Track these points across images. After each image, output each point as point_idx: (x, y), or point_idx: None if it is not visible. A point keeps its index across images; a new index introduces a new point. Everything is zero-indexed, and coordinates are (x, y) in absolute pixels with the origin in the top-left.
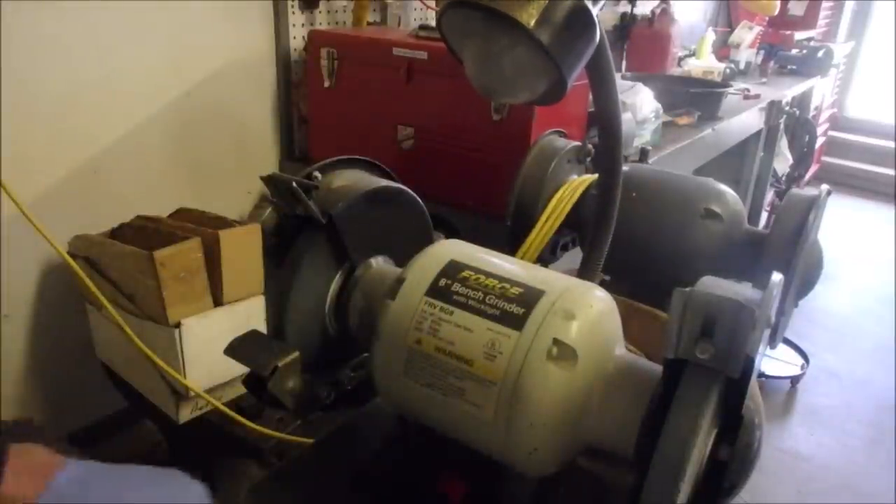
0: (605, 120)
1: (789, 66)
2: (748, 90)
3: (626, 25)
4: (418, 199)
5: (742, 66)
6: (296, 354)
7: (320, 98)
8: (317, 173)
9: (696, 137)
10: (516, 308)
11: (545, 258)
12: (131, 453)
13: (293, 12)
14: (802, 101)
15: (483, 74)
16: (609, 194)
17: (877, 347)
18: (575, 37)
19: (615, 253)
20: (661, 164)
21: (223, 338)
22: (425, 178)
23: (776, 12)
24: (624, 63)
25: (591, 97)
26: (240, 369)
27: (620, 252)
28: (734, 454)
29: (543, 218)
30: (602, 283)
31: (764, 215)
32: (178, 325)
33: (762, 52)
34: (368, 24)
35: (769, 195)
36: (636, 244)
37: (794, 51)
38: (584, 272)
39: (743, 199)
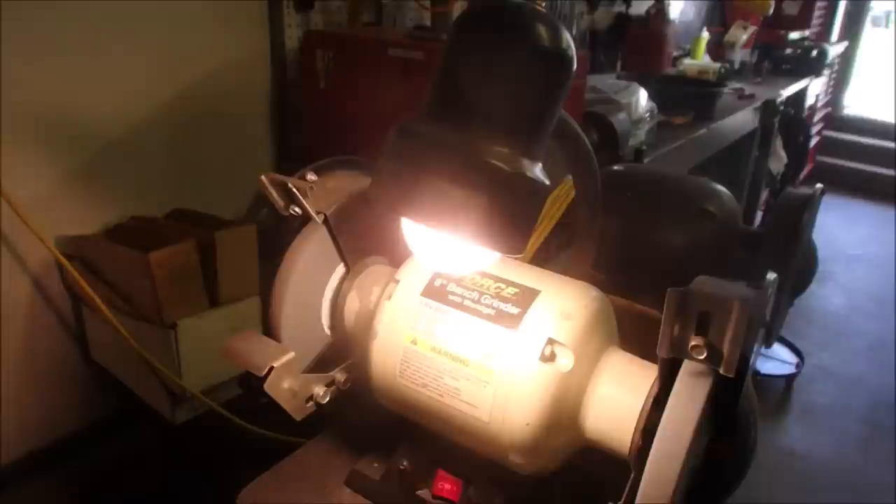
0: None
1: (784, 66)
2: (743, 90)
3: (621, 25)
4: None
5: (737, 65)
6: (291, 355)
7: (315, 98)
8: (311, 174)
9: (691, 137)
10: (512, 308)
11: (540, 258)
12: (127, 454)
13: (288, 13)
14: (797, 100)
15: None
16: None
17: (871, 345)
18: None
19: (610, 252)
20: (657, 164)
21: (219, 339)
22: None
23: (770, 12)
24: (619, 63)
25: (587, 95)
26: (236, 370)
27: (615, 252)
28: (730, 453)
29: (539, 218)
30: (597, 283)
31: (759, 214)
32: (173, 326)
33: (756, 51)
34: (363, 24)
35: (764, 194)
36: (631, 244)
37: (789, 50)
38: (573, 271)
39: (738, 198)
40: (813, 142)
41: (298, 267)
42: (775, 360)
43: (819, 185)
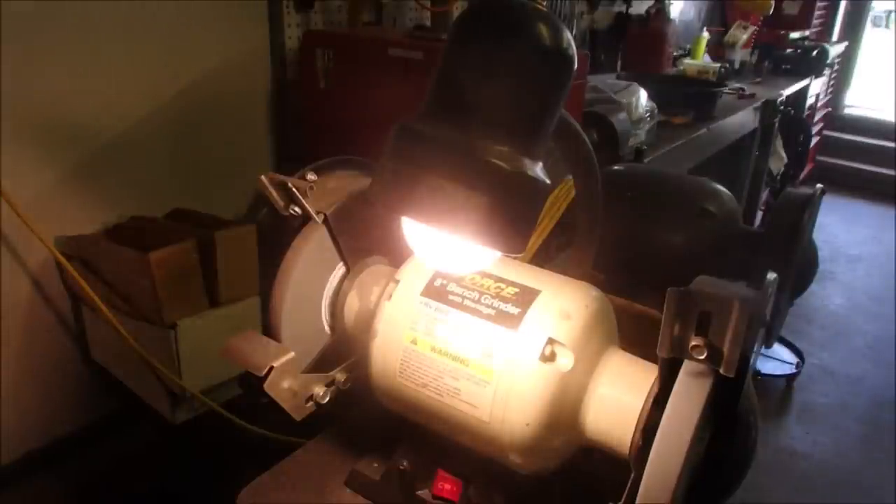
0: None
1: (784, 66)
2: (743, 89)
3: (621, 25)
4: None
5: (737, 65)
6: (291, 355)
7: (315, 98)
8: (311, 174)
9: (692, 137)
10: (512, 308)
11: (540, 258)
12: (127, 454)
13: (288, 13)
14: (797, 100)
15: None
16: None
17: (871, 345)
18: None
19: (610, 252)
20: (657, 164)
21: (219, 338)
22: None
23: (770, 12)
24: (619, 63)
25: (587, 95)
26: (236, 370)
27: (615, 252)
28: (730, 453)
29: (539, 218)
30: (597, 283)
31: (759, 214)
32: (173, 326)
33: (757, 51)
34: (363, 24)
35: (764, 194)
36: (631, 244)
37: (789, 50)
38: (573, 271)
39: (738, 198)
40: (813, 142)
41: (298, 267)
42: (775, 360)
43: (819, 185)
